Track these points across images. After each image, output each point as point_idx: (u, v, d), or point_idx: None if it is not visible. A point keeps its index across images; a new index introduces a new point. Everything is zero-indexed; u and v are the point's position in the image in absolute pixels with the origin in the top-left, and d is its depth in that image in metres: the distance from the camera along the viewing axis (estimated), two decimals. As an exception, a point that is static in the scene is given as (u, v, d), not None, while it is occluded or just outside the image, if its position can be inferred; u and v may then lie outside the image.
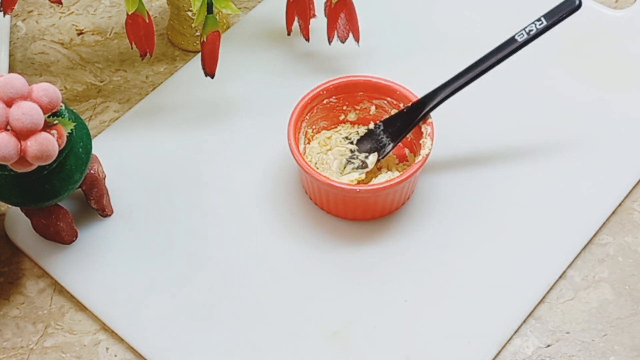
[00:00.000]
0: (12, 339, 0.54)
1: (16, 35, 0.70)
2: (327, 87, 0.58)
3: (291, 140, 0.55)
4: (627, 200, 0.59)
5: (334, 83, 0.58)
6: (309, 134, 0.60)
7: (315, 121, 0.59)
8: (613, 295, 0.55)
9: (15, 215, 0.58)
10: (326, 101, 0.59)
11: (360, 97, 0.59)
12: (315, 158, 0.59)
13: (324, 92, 0.58)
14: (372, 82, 0.58)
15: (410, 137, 0.58)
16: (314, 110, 0.59)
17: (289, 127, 0.56)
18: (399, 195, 0.56)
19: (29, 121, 0.46)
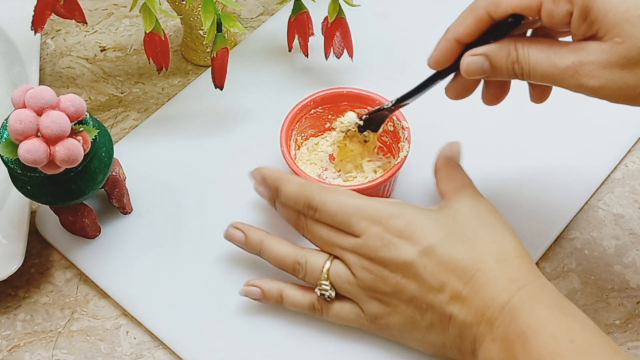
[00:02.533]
0: (42, 324, 0.55)
1: (46, 52, 0.71)
2: (313, 98, 0.58)
3: (283, 147, 0.56)
4: (593, 199, 0.60)
5: (320, 95, 0.58)
6: (298, 141, 0.60)
7: (304, 129, 0.59)
8: (580, 285, 0.56)
9: (45, 213, 0.58)
10: (313, 111, 0.59)
11: (344, 107, 0.59)
12: (305, 163, 0.59)
13: (311, 103, 0.58)
14: (354, 92, 0.58)
15: (388, 140, 0.58)
16: (302, 120, 0.59)
17: (281, 135, 0.56)
18: (379, 194, 0.56)
19: (57, 128, 0.46)
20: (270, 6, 0.74)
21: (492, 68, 0.45)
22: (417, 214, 0.48)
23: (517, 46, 0.44)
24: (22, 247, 0.54)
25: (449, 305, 0.45)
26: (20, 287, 0.56)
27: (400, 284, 0.47)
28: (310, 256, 0.50)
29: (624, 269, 0.56)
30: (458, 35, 0.46)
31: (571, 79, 0.43)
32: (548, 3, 0.43)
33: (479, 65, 0.45)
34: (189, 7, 0.64)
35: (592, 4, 0.41)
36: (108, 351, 0.53)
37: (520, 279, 0.45)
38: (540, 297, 0.44)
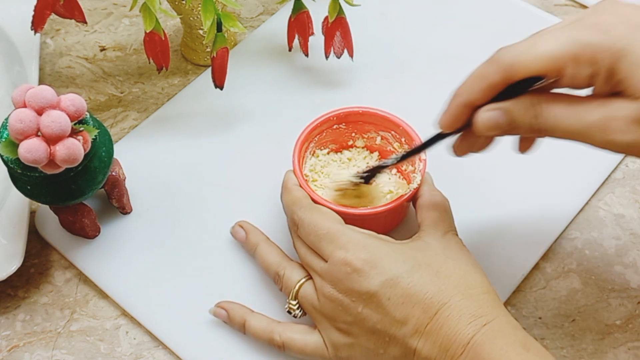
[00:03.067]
0: (42, 324, 0.55)
1: (45, 52, 0.71)
2: (337, 114, 0.56)
3: (295, 163, 0.54)
4: (593, 200, 0.60)
5: (345, 111, 0.56)
6: (316, 153, 0.58)
7: (324, 143, 0.58)
8: (580, 285, 0.56)
9: (45, 213, 0.58)
10: (335, 127, 0.57)
11: (368, 127, 0.57)
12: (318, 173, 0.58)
13: (334, 119, 0.56)
14: (379, 115, 0.56)
15: (406, 168, 0.57)
16: (323, 134, 0.57)
17: (295, 149, 0.54)
18: (389, 220, 0.55)
19: (58, 128, 0.46)
20: (270, 6, 0.74)
21: (510, 124, 0.43)
22: (385, 245, 0.47)
23: (538, 101, 0.42)
24: (22, 247, 0.54)
25: (412, 339, 0.44)
26: (20, 287, 0.56)
27: (362, 314, 0.45)
28: (290, 270, 0.50)
29: (624, 269, 0.56)
30: (469, 101, 0.44)
31: (599, 134, 0.41)
32: (571, 67, 0.40)
33: (495, 121, 0.43)
34: (188, 7, 0.64)
35: (619, 65, 0.39)
36: (108, 351, 0.53)
37: (485, 314, 0.44)
38: (504, 333, 0.43)
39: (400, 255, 0.46)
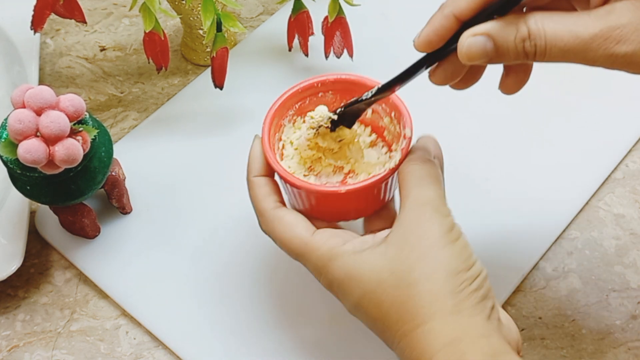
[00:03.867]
0: (42, 324, 0.55)
1: (45, 52, 0.71)
2: (322, 80, 0.50)
3: (265, 129, 0.49)
4: (593, 200, 0.59)
5: (332, 78, 0.50)
6: (297, 122, 0.52)
7: (305, 112, 0.50)
8: (581, 285, 0.56)
9: (45, 213, 0.58)
10: (321, 94, 0.51)
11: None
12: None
13: (318, 85, 0.50)
14: (370, 85, 0.49)
15: (390, 138, 0.51)
16: (305, 101, 0.50)
17: (268, 113, 0.49)
18: (364, 202, 0.49)
19: (57, 128, 0.46)
20: (270, 6, 0.74)
21: (497, 50, 0.38)
22: (355, 259, 0.42)
23: (527, 21, 0.37)
24: (22, 247, 0.54)
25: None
26: (20, 287, 0.56)
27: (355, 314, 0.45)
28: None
29: (624, 269, 0.56)
30: (458, 10, 0.39)
31: (599, 48, 0.37)
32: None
33: (481, 47, 0.38)
34: (188, 7, 0.64)
35: None
36: (108, 351, 0.53)
37: (458, 337, 0.40)
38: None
39: (369, 272, 0.42)
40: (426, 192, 0.42)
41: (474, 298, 0.39)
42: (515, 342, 0.40)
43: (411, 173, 0.44)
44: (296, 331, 0.53)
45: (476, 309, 0.39)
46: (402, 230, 0.42)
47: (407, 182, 0.43)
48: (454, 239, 0.41)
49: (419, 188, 0.43)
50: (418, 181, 0.43)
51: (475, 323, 0.39)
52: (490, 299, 0.40)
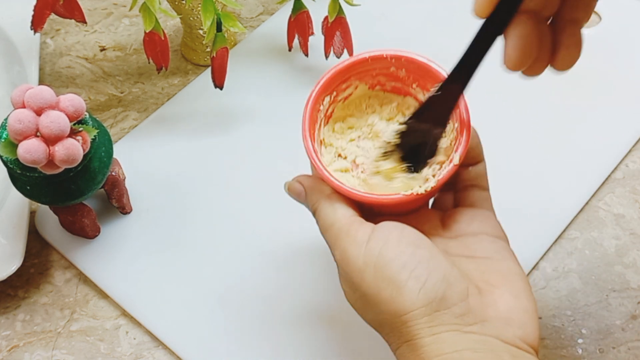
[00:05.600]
0: (42, 324, 0.55)
1: (45, 52, 0.71)
2: (394, 54, 0.45)
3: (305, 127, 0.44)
4: (593, 200, 0.59)
5: (408, 56, 0.45)
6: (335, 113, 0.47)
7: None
8: (581, 285, 0.56)
9: (45, 213, 0.58)
10: (393, 69, 0.46)
11: (409, 80, 0.46)
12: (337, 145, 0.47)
13: (391, 60, 0.45)
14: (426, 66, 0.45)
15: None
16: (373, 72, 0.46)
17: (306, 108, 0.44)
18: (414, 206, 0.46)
19: (57, 128, 0.46)
20: (270, 6, 0.73)
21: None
22: (345, 255, 0.42)
23: None
24: (22, 247, 0.54)
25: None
26: (20, 287, 0.56)
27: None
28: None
29: (624, 269, 0.56)
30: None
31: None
32: None
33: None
34: (188, 7, 0.64)
35: None
36: (108, 351, 0.53)
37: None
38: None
39: (353, 274, 0.41)
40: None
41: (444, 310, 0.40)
42: (517, 336, 0.40)
43: None
44: (296, 331, 0.53)
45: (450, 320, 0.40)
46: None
47: None
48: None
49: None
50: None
51: (448, 338, 0.39)
52: (458, 304, 0.40)
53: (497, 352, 0.39)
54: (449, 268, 0.40)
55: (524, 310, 0.41)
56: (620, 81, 0.66)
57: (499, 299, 0.41)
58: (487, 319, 0.40)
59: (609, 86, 0.65)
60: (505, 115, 0.63)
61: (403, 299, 0.39)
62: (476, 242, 0.44)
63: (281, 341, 0.52)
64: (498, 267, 0.42)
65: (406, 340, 0.40)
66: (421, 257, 0.40)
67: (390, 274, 0.40)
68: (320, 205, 0.44)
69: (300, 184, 0.45)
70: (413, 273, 0.39)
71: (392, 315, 0.40)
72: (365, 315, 0.42)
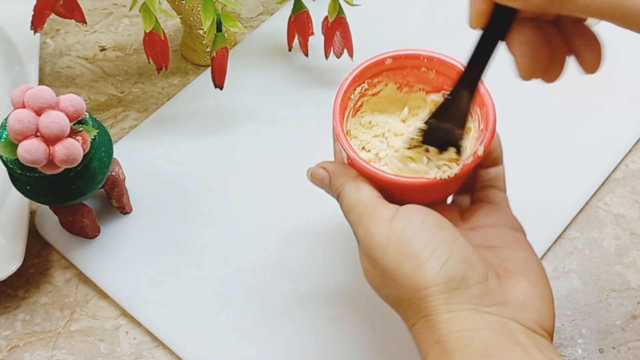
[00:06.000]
0: (41, 324, 0.55)
1: (45, 51, 0.71)
2: (428, 55, 0.47)
3: (337, 111, 0.45)
4: (593, 200, 0.59)
5: (436, 57, 0.47)
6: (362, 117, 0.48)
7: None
8: (581, 285, 0.56)
9: (45, 213, 0.58)
10: (424, 69, 0.48)
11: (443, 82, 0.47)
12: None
13: (423, 59, 0.46)
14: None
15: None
16: (404, 72, 0.47)
17: (339, 91, 0.45)
18: (437, 193, 0.47)
19: (57, 128, 0.46)
20: (270, 6, 0.73)
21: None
22: (369, 233, 0.42)
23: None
24: (22, 247, 0.54)
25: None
26: (20, 287, 0.56)
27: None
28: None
29: (624, 269, 0.56)
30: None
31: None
32: None
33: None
34: (188, 7, 0.64)
35: None
36: (108, 351, 0.53)
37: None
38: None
39: (376, 250, 0.42)
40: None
41: (464, 289, 0.40)
42: (533, 320, 0.40)
43: None
44: (296, 331, 0.53)
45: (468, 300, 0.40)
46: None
47: None
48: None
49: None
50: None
51: (466, 317, 0.40)
52: (477, 284, 0.40)
53: (513, 333, 0.39)
54: (470, 251, 0.41)
55: (540, 296, 0.41)
56: (621, 81, 0.66)
57: (517, 285, 0.41)
58: (505, 302, 0.40)
59: (609, 86, 0.65)
60: (505, 115, 0.63)
61: (423, 275, 0.40)
62: (494, 232, 0.44)
63: (281, 341, 0.52)
64: (516, 256, 0.43)
65: (423, 316, 0.40)
66: (444, 237, 0.41)
67: (412, 250, 0.40)
68: (346, 187, 0.44)
69: (325, 169, 0.46)
70: (435, 251, 0.40)
71: (412, 290, 0.40)
72: (383, 291, 0.43)
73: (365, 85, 0.48)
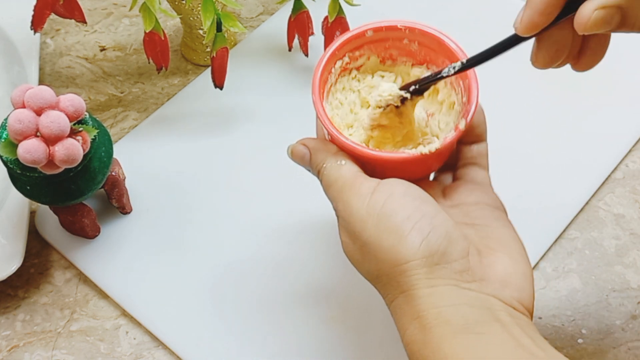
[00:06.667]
0: (41, 324, 0.55)
1: (45, 51, 0.71)
2: (409, 26, 0.46)
3: (316, 83, 0.44)
4: (593, 200, 0.59)
5: (418, 28, 0.46)
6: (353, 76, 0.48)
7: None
8: (581, 285, 0.56)
9: (45, 213, 0.58)
10: (406, 41, 0.47)
11: (427, 55, 0.46)
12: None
13: (405, 30, 0.46)
14: (455, 54, 0.44)
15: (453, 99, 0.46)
16: (362, 48, 0.46)
17: (319, 63, 0.44)
18: (418, 168, 0.46)
19: (57, 128, 0.46)
20: (270, 6, 0.73)
21: (624, 19, 0.35)
22: (350, 209, 0.42)
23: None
24: (22, 247, 0.54)
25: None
26: (20, 287, 0.56)
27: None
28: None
29: (624, 269, 0.56)
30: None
31: None
32: None
33: (608, 16, 0.35)
34: (188, 7, 0.64)
35: None
36: (108, 351, 0.53)
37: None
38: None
39: (357, 223, 0.41)
40: None
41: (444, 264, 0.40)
42: (514, 297, 0.40)
43: None
44: (296, 331, 0.53)
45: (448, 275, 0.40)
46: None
47: None
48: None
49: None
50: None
51: (446, 292, 0.39)
52: (458, 260, 0.40)
53: (493, 309, 0.39)
54: (451, 226, 0.40)
55: (521, 273, 0.41)
56: (620, 81, 0.66)
57: (498, 261, 0.41)
58: (485, 279, 0.40)
59: (609, 86, 0.65)
60: (504, 115, 0.63)
61: (404, 249, 0.39)
62: (476, 210, 0.44)
63: (282, 341, 0.52)
64: (497, 234, 0.43)
65: (402, 291, 0.40)
66: (425, 211, 0.40)
67: (393, 224, 0.40)
68: (326, 162, 0.44)
69: (305, 145, 0.45)
70: (416, 225, 0.39)
71: (391, 264, 0.40)
72: (362, 266, 0.42)
73: (346, 59, 0.47)
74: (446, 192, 0.46)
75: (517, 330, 0.38)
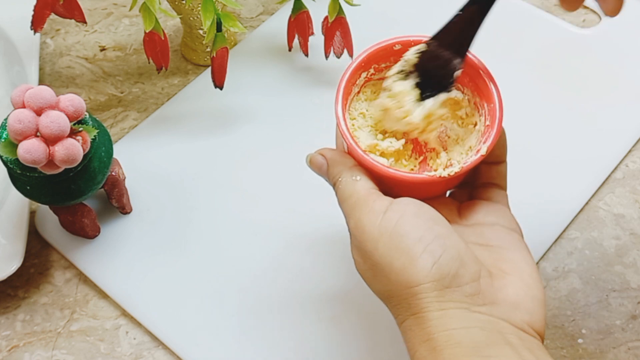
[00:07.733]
0: (41, 324, 0.55)
1: (45, 51, 0.71)
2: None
3: (339, 100, 0.44)
4: (593, 200, 0.59)
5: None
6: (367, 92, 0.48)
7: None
8: (581, 284, 0.56)
9: (45, 213, 0.58)
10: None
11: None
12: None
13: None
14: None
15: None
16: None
17: (343, 78, 0.45)
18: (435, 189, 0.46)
19: (57, 128, 0.46)
20: (270, 6, 0.73)
21: None
22: (362, 226, 0.42)
23: None
24: (22, 247, 0.54)
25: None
26: (20, 287, 0.56)
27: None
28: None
29: (624, 269, 0.56)
30: None
31: None
32: None
33: None
34: (188, 7, 0.64)
35: None
36: (108, 351, 0.53)
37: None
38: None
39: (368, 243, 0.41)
40: None
41: (455, 287, 0.40)
42: (524, 321, 0.40)
43: None
44: (296, 331, 0.53)
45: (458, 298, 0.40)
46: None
47: None
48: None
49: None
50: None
51: (456, 315, 0.39)
52: (470, 283, 0.40)
53: (504, 333, 0.39)
54: (463, 248, 0.40)
55: (533, 297, 0.41)
56: (621, 81, 0.66)
57: (510, 285, 0.41)
58: (497, 302, 0.40)
59: (609, 86, 0.65)
60: (505, 115, 0.63)
61: (415, 271, 0.39)
62: (491, 231, 0.44)
63: (282, 341, 0.52)
64: (511, 256, 0.42)
65: (413, 313, 0.40)
66: (438, 233, 0.40)
67: (405, 245, 0.40)
68: (342, 176, 0.44)
69: (323, 156, 0.45)
70: (428, 247, 0.39)
71: (403, 286, 0.40)
72: (374, 285, 0.42)
73: (372, 70, 0.47)
74: (462, 210, 0.45)
75: (526, 354, 0.38)
